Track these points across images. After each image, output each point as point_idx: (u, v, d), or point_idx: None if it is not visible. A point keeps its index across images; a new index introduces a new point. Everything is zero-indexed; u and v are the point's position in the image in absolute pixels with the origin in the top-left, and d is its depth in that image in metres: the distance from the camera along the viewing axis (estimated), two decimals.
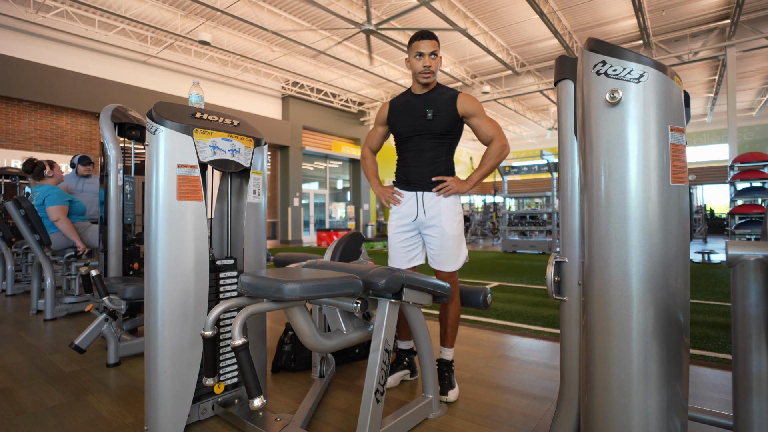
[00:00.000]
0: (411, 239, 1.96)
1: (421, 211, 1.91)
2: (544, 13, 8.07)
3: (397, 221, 1.96)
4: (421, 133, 1.90)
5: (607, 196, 1.01)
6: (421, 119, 1.88)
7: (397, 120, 1.96)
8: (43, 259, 3.43)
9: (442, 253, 1.89)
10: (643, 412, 0.97)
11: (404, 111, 1.94)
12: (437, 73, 1.89)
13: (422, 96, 1.92)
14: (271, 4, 8.50)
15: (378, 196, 2.04)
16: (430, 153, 1.90)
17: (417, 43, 1.83)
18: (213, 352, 1.33)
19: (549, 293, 1.28)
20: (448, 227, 1.88)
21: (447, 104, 1.86)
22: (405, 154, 1.96)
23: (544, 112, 16.71)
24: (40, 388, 2.01)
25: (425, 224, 1.92)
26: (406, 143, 1.95)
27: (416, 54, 1.84)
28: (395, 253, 1.98)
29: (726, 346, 2.52)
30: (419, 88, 1.93)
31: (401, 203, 1.96)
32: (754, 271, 0.93)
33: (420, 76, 1.86)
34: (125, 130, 2.94)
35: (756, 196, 6.74)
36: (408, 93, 1.98)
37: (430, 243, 1.92)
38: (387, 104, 2.03)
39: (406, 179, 1.96)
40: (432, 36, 1.84)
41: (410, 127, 1.91)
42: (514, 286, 4.84)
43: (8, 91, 8.07)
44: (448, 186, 1.87)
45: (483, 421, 1.67)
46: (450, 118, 1.86)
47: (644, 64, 0.98)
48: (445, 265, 1.90)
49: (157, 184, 1.49)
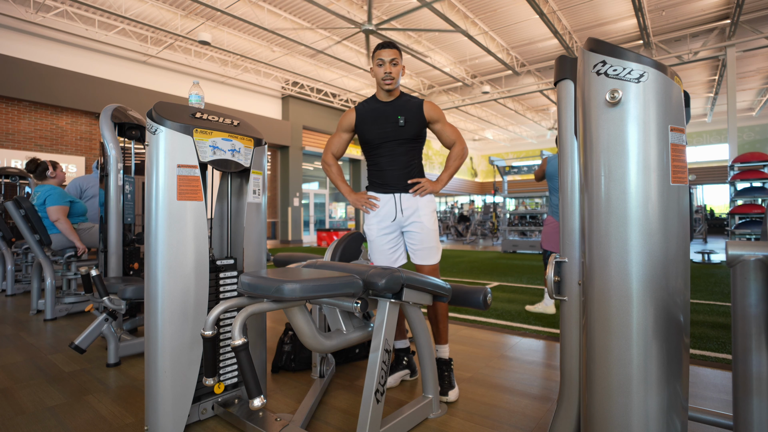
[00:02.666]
0: (394, 239, 2.03)
1: (399, 212, 1.99)
2: (544, 13, 8.08)
3: (378, 224, 2.02)
4: (392, 139, 1.98)
5: (607, 196, 1.01)
6: (392, 126, 1.97)
7: (368, 127, 2.01)
8: (43, 259, 3.43)
9: (423, 247, 1.98)
10: (643, 412, 0.97)
11: (374, 118, 2.01)
12: (399, 80, 1.98)
13: (391, 103, 2.01)
14: (271, 4, 8.50)
15: (352, 203, 2.10)
16: (404, 157, 2.00)
17: (378, 52, 1.94)
18: (213, 352, 1.33)
19: (549, 293, 1.28)
20: (427, 221, 1.98)
21: (415, 111, 1.98)
22: (378, 159, 2.03)
23: (544, 112, 16.71)
24: (40, 388, 2.01)
25: (406, 222, 2.00)
26: (378, 149, 2.02)
27: (378, 62, 1.94)
28: (380, 255, 2.02)
29: (726, 346, 2.52)
30: (384, 95, 2.01)
31: (378, 207, 2.01)
32: (754, 271, 0.93)
33: (382, 83, 1.95)
34: (125, 130, 2.94)
35: (756, 196, 6.74)
36: (374, 101, 2.04)
37: (412, 238, 2.00)
38: (352, 111, 2.07)
39: (382, 182, 2.02)
40: (392, 45, 1.96)
41: (382, 133, 1.99)
42: (514, 286, 4.84)
43: (8, 91, 8.07)
44: (423, 186, 1.99)
45: (483, 421, 1.67)
46: (419, 124, 1.98)
47: (644, 64, 0.98)
48: (428, 258, 1.98)
49: (157, 184, 1.49)
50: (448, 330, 2.02)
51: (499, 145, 21.86)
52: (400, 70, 1.96)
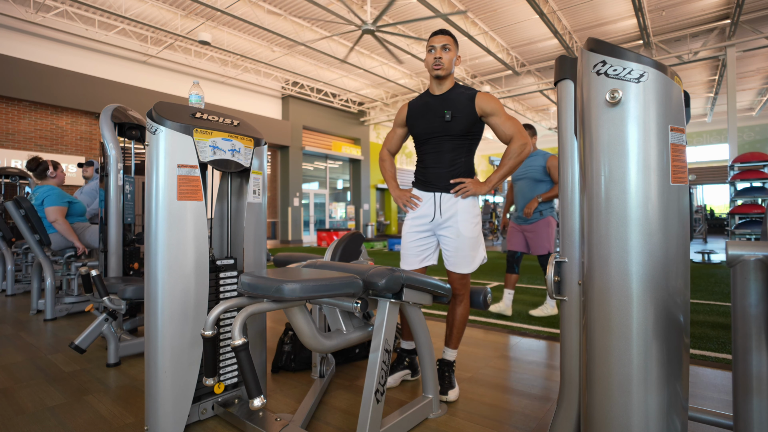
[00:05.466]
0: (424, 240, 1.95)
1: (438, 213, 1.90)
2: (544, 13, 8.07)
3: (413, 221, 1.96)
4: (439, 135, 1.88)
5: (607, 196, 1.01)
6: (439, 120, 1.87)
7: (416, 122, 1.95)
8: (43, 259, 3.42)
9: (457, 255, 1.88)
10: (643, 412, 0.97)
11: (422, 113, 1.94)
12: (452, 69, 1.89)
13: (440, 97, 1.91)
14: (271, 4, 8.50)
15: (395, 200, 2.03)
16: (450, 155, 1.88)
17: (431, 39, 1.87)
18: (213, 352, 1.33)
19: (549, 293, 1.28)
20: (464, 229, 1.86)
21: (465, 104, 1.84)
22: (424, 156, 1.95)
23: (544, 112, 16.71)
24: (40, 388, 2.01)
25: (441, 225, 1.91)
26: (425, 145, 1.94)
27: (429, 49, 1.87)
28: (408, 252, 1.97)
29: (726, 346, 2.52)
30: (436, 86, 1.92)
31: (419, 206, 1.95)
32: (754, 271, 0.93)
33: (432, 69, 1.87)
34: (125, 130, 2.94)
35: (756, 196, 6.74)
36: (426, 94, 1.97)
37: (446, 244, 1.91)
38: (406, 106, 2.03)
39: (425, 180, 1.95)
40: (445, 32, 1.86)
41: (428, 128, 1.90)
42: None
43: (8, 91, 8.07)
44: (466, 187, 1.86)
45: (483, 421, 1.67)
46: (468, 119, 1.84)
47: (644, 64, 0.98)
48: (459, 266, 1.88)
49: (157, 184, 1.49)
50: (461, 337, 1.97)
51: (499, 145, 21.82)
52: (452, 57, 1.86)
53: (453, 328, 1.94)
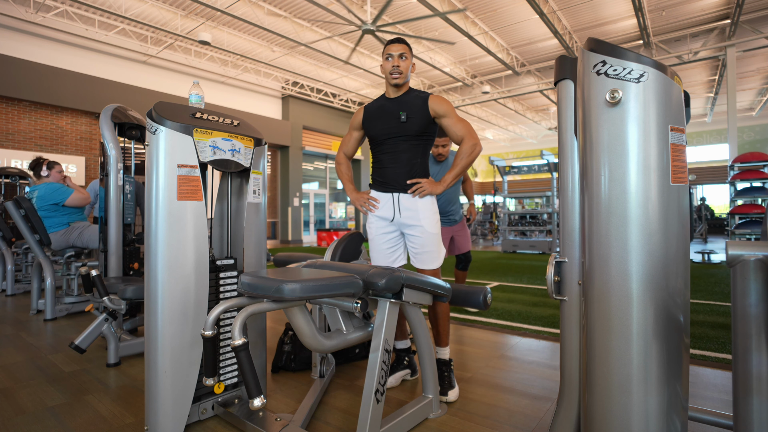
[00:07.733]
0: (393, 239, 1.99)
1: (397, 212, 1.94)
2: (544, 13, 8.07)
3: (377, 222, 2.00)
4: (395, 135, 1.94)
5: (607, 196, 1.01)
6: (395, 121, 1.92)
7: (372, 123, 2.00)
8: (43, 259, 3.42)
9: (424, 251, 1.93)
10: (643, 412, 0.97)
11: (378, 115, 1.99)
12: (408, 75, 1.94)
13: (396, 99, 1.97)
14: (271, 4, 8.50)
15: (353, 202, 2.07)
16: (406, 155, 1.94)
17: (387, 47, 1.92)
18: (213, 352, 1.33)
19: (549, 293, 1.28)
20: (428, 226, 1.92)
21: (419, 106, 1.91)
22: (381, 156, 1.99)
23: (544, 112, 16.71)
24: (40, 388, 2.01)
25: (405, 224, 1.95)
26: (382, 146, 1.98)
27: (387, 56, 1.91)
28: (379, 254, 2.00)
29: (726, 346, 2.52)
30: (392, 91, 1.98)
31: (377, 208, 1.98)
32: (754, 271, 0.93)
33: (390, 77, 1.92)
34: (125, 130, 2.94)
35: (756, 196, 6.75)
36: (382, 98, 2.03)
37: (413, 242, 1.96)
38: (362, 109, 2.07)
39: (383, 181, 1.98)
40: (401, 41, 1.92)
41: (385, 129, 1.95)
42: (514, 286, 4.84)
43: (8, 91, 8.07)
44: (423, 187, 1.91)
45: (483, 421, 1.67)
46: (423, 119, 1.91)
47: (644, 64, 0.98)
48: (427, 263, 1.94)
49: (157, 184, 1.49)
50: (449, 333, 2.00)
51: (499, 145, 21.85)
52: (409, 65, 1.92)
53: (438, 326, 1.97)
